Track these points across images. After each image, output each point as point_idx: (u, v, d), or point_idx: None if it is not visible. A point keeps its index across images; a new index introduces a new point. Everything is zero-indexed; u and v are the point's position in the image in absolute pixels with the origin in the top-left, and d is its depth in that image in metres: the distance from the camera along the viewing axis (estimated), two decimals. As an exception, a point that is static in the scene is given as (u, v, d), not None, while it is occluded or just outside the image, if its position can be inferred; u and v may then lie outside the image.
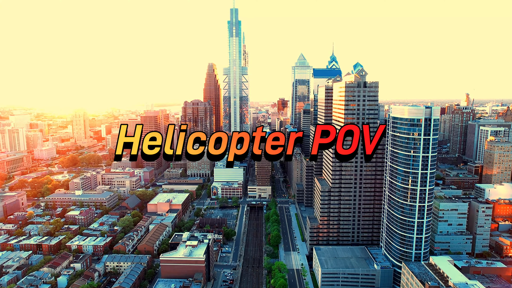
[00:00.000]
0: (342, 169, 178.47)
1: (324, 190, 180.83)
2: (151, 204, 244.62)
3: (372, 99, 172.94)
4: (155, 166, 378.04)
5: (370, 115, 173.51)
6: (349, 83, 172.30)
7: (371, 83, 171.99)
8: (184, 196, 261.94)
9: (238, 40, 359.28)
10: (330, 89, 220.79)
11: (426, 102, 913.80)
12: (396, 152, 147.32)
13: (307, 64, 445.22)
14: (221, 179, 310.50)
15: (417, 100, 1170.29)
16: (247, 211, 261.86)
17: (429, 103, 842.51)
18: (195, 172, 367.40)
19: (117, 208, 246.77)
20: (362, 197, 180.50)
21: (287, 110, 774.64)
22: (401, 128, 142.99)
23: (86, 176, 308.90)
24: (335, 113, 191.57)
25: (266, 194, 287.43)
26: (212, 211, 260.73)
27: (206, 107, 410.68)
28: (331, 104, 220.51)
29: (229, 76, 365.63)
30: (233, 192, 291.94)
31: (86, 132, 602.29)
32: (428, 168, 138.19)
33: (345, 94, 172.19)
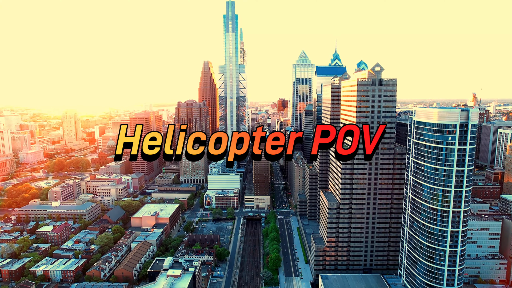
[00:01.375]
0: (354, 181, 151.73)
1: (332, 206, 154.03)
2: (135, 217, 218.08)
3: (389, 99, 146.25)
4: (146, 171, 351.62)
5: (387, 118, 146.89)
6: (362, 80, 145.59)
7: (388, 80, 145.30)
8: (174, 207, 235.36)
9: (234, 35, 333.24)
10: (337, 88, 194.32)
11: (431, 103, 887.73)
12: (421, 164, 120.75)
13: (308, 62, 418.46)
14: (216, 187, 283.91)
15: (420, 100, 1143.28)
16: (244, 224, 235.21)
17: (434, 104, 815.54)
18: (188, 178, 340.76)
19: (98, 221, 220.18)
20: (376, 215, 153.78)
21: (288, 111, 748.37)
22: (429, 135, 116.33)
23: (68, 184, 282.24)
24: (344, 115, 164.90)
25: (264, 204, 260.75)
26: (205, 225, 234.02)
27: (201, 108, 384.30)
28: (339, 105, 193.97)
29: (225, 74, 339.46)
30: (229, 202, 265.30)
31: (77, 133, 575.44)
32: (463, 185, 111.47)
33: (357, 94, 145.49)
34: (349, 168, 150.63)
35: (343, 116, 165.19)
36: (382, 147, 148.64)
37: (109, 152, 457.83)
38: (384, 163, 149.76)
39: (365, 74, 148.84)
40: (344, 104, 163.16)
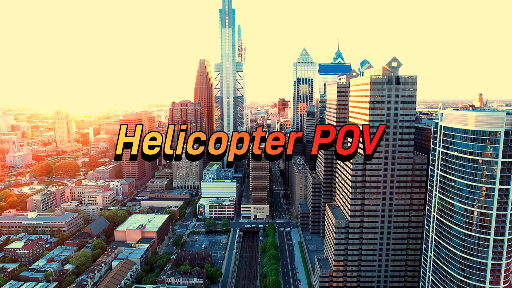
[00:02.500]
0: (365, 196, 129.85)
1: (339, 225, 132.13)
2: (119, 231, 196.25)
3: (408, 100, 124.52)
4: (137, 176, 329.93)
5: (405, 122, 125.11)
6: (377, 78, 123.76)
7: (407, 77, 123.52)
8: (162, 218, 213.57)
9: (231, 31, 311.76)
10: (344, 87, 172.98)
11: (436, 103, 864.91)
12: (451, 179, 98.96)
13: (310, 60, 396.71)
14: (210, 195, 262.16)
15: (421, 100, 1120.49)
16: (240, 237, 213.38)
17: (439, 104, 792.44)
18: (182, 184, 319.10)
19: (78, 235, 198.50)
20: (392, 236, 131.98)
21: (288, 111, 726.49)
22: (462, 144, 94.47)
23: (50, 191, 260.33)
24: (353, 117, 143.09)
25: (263, 214, 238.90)
26: (196, 238, 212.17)
27: (197, 109, 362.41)
28: (345, 106, 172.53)
29: (221, 73, 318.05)
30: (224, 212, 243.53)
31: (69, 135, 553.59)
32: (508, 207, 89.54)
33: (371, 93, 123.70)
34: (360, 180, 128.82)
35: (353, 118, 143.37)
36: (400, 156, 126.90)
37: (100, 154, 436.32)
38: (401, 175, 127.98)
39: (379, 70, 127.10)
40: (354, 105, 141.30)
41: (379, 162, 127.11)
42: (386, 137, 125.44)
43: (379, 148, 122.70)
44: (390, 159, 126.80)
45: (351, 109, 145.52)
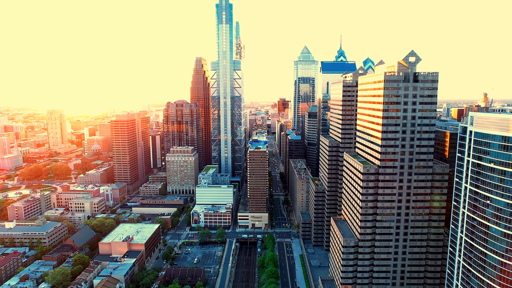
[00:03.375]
0: (378, 211, 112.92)
1: (348, 244, 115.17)
2: (104, 243, 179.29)
3: (427, 101, 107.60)
4: (129, 180, 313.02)
5: (423, 126, 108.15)
6: (391, 74, 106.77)
7: (426, 74, 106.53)
8: (153, 228, 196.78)
9: (228, 27, 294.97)
10: (350, 86, 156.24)
11: (439, 103, 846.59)
12: (485, 196, 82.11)
13: (312, 58, 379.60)
14: (205, 201, 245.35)
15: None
16: (236, 249, 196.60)
17: (444, 104, 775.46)
18: (176, 188, 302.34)
19: (59, 247, 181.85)
20: (407, 256, 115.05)
21: (288, 112, 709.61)
22: (501, 154, 77.60)
23: (34, 198, 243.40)
24: (363, 120, 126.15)
25: (261, 223, 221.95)
26: (189, 250, 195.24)
27: (193, 109, 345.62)
28: (352, 107, 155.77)
29: (218, 71, 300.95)
30: (220, 220, 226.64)
31: (63, 136, 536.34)
32: (561, 234, 72.55)
33: (385, 93, 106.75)
34: (371, 192, 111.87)
35: (362, 121, 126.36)
36: (417, 165, 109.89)
37: (93, 157, 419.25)
38: (419, 186, 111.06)
39: (394, 67, 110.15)
40: (364, 106, 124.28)
41: (393, 172, 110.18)
42: (401, 143, 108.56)
43: (393, 156, 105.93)
44: (407, 168, 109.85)
45: (361, 110, 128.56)
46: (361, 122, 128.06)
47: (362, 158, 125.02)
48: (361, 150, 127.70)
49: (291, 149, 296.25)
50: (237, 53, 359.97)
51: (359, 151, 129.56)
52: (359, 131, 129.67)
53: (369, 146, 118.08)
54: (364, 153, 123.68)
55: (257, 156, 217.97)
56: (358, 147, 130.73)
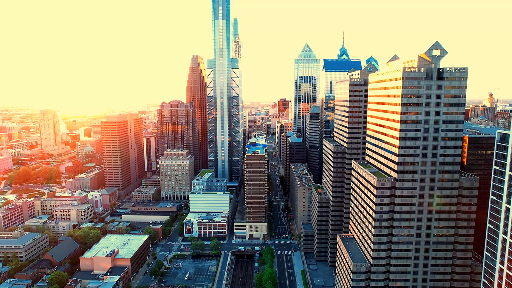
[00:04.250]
0: (394, 231, 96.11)
1: (358, 269, 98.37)
2: (86, 258, 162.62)
3: (454, 102, 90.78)
4: (121, 185, 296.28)
5: (449, 132, 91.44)
6: (411, 71, 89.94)
7: (453, 71, 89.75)
8: (141, 240, 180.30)
9: (225, 23, 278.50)
10: (358, 85, 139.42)
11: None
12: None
13: (313, 57, 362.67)
14: (200, 209, 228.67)
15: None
16: (232, 263, 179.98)
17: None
18: (170, 194, 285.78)
19: (36, 262, 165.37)
20: (428, 284, 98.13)
21: (289, 112, 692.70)
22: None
23: (16, 205, 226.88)
24: (374, 124, 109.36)
25: (259, 233, 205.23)
26: (180, 264, 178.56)
27: (188, 110, 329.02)
28: (361, 108, 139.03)
29: (214, 70, 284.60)
30: (215, 230, 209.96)
31: (56, 137, 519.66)
32: None
33: (403, 92, 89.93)
34: (387, 209, 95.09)
35: (374, 125, 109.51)
36: (441, 178, 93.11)
37: (86, 159, 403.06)
38: (443, 203, 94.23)
39: (413, 62, 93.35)
40: (376, 108, 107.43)
41: (412, 185, 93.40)
42: (422, 152, 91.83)
43: (413, 167, 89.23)
44: (428, 181, 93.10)
45: (372, 112, 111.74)
46: (372, 126, 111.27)
47: (374, 167, 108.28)
48: (372, 158, 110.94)
49: (292, 152, 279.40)
50: (235, 51, 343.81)
51: (370, 159, 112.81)
52: (370, 136, 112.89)
53: (383, 154, 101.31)
54: (376, 162, 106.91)
55: (255, 161, 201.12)
56: (369, 154, 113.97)
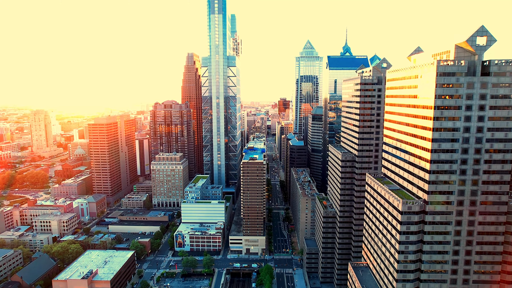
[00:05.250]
0: (423, 267, 76.49)
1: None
2: (59, 280, 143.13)
3: (503, 105, 71.14)
4: (110, 191, 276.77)
5: (495, 142, 71.85)
6: (447, 64, 70.28)
7: (504, 64, 70.11)
8: (124, 258, 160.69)
9: (221, 18, 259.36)
10: (370, 84, 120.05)
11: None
12: None
13: (315, 54, 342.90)
14: (192, 219, 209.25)
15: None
16: (226, 283, 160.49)
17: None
18: (162, 201, 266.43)
19: (3, 285, 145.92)
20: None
21: (289, 113, 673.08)
22: None
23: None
24: (392, 130, 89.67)
25: (257, 248, 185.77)
26: (168, 285, 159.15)
27: (183, 111, 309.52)
28: (375, 111, 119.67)
29: (209, 68, 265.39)
30: (208, 243, 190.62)
31: (48, 138, 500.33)
32: None
33: (436, 92, 70.33)
34: (414, 240, 75.51)
35: (393, 131, 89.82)
36: (484, 201, 73.57)
37: (76, 162, 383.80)
38: (486, 232, 74.75)
39: (448, 53, 73.77)
40: (396, 111, 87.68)
41: (447, 210, 73.93)
42: (461, 168, 72.30)
43: (448, 186, 69.63)
44: (467, 205, 73.62)
45: (391, 116, 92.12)
46: (391, 132, 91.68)
47: (394, 183, 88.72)
48: (391, 172, 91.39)
49: (293, 156, 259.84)
50: (234, 49, 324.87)
51: (389, 173, 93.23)
52: (388, 145, 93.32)
53: (407, 168, 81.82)
54: (397, 177, 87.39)
55: (252, 168, 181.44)
56: (387, 166, 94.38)
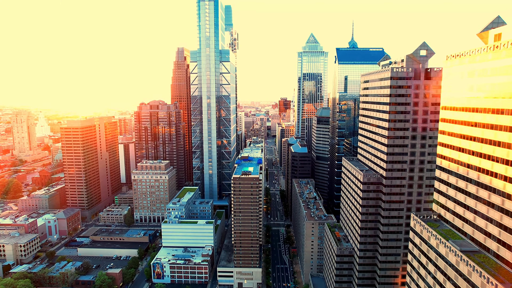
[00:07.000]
0: None
1: None
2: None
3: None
4: (86, 205, 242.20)
5: None
6: None
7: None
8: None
9: (213, 6, 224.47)
10: (405, 79, 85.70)
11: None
12: None
13: (319, 49, 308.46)
14: (174, 243, 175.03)
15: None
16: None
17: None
18: (145, 215, 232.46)
19: None
20: None
21: (290, 113, 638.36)
22: None
23: None
24: (458, 150, 54.81)
25: (252, 282, 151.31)
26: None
27: (171, 112, 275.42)
28: (410, 116, 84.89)
29: (199, 63, 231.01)
30: (193, 274, 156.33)
31: (31, 140, 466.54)
32: None
33: None
34: None
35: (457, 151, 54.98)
36: None
37: (56, 168, 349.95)
38: None
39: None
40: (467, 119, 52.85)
41: None
42: None
43: None
44: None
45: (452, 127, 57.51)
46: (453, 153, 57.15)
47: (457, 230, 54.34)
48: (455, 216, 56.85)
49: (295, 165, 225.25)
50: (230, 44, 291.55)
51: (445, 212, 58.69)
52: (447, 171, 58.76)
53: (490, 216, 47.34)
54: (463, 223, 52.91)
55: (246, 185, 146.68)
56: (445, 205, 59.76)
